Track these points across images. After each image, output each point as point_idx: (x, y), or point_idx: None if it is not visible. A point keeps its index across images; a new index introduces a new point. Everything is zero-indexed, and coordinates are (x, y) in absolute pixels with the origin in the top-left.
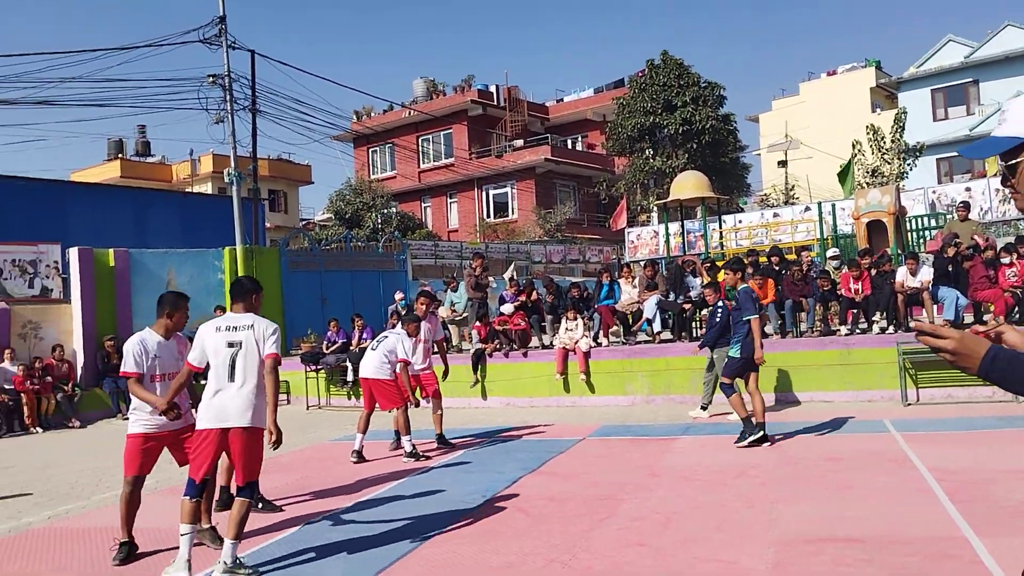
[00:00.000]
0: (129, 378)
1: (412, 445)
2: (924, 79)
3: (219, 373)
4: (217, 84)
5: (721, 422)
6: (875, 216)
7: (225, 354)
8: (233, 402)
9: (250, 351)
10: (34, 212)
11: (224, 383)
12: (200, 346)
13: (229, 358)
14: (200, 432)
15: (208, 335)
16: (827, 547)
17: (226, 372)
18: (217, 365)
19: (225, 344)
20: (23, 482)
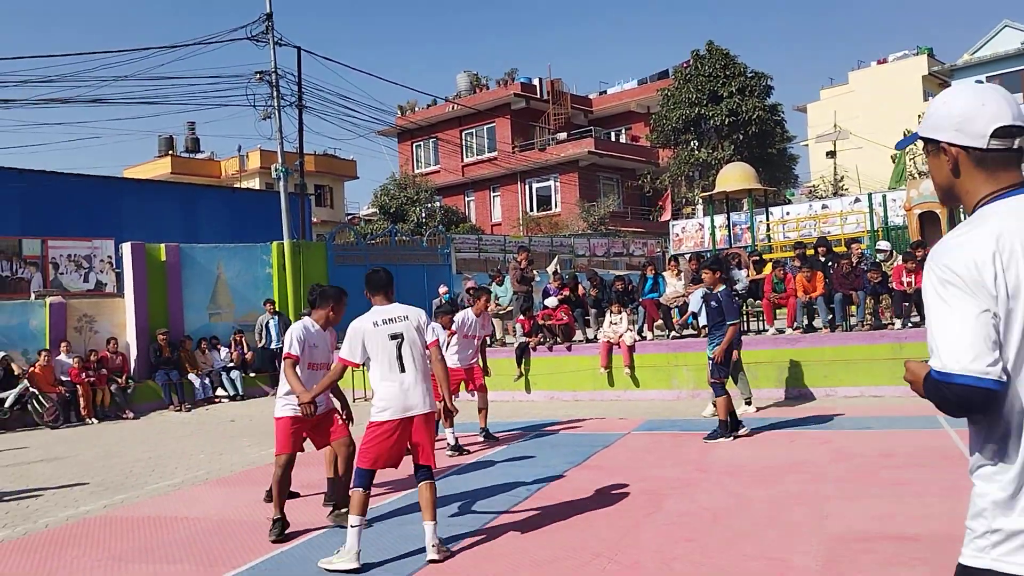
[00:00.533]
0: (287, 359)
1: (455, 438)
2: (979, 66)
3: (391, 366)
4: (264, 81)
5: (768, 417)
6: (928, 207)
7: (391, 346)
8: (416, 392)
9: (413, 341)
10: (89, 208)
11: (397, 374)
12: (360, 341)
13: (396, 350)
14: (380, 424)
15: (368, 330)
16: (880, 545)
17: (398, 364)
18: (387, 358)
19: (388, 337)
20: (80, 471)
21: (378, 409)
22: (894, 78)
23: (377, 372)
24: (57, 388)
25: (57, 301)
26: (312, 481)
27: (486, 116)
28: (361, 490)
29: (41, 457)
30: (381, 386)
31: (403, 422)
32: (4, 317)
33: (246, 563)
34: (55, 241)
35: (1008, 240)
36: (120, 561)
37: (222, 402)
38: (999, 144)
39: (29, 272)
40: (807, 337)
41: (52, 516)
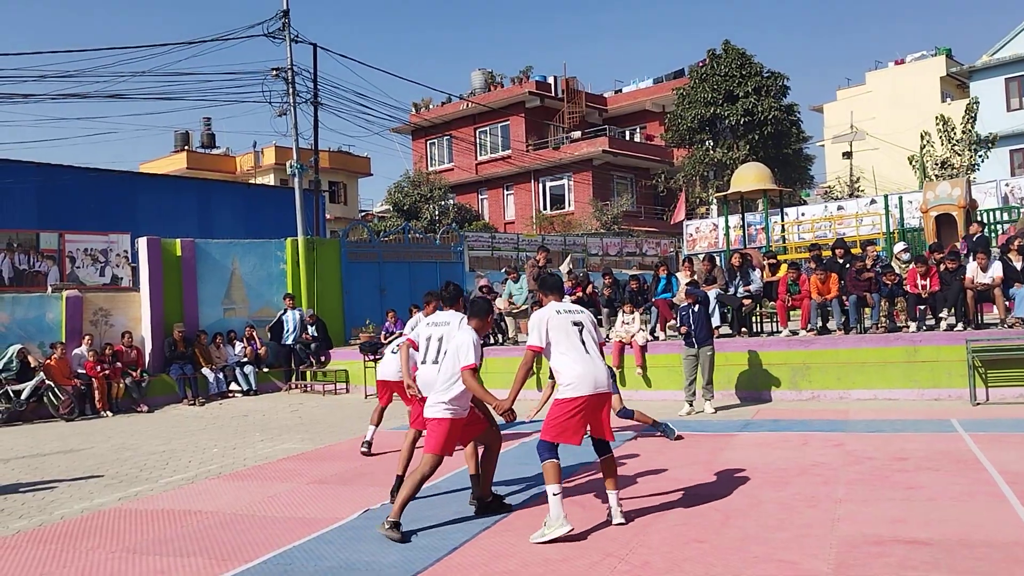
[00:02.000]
0: (470, 369)
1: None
2: (998, 68)
3: (577, 348)
4: (280, 77)
5: (781, 419)
6: (944, 209)
7: (574, 331)
8: (601, 370)
9: (590, 329)
10: (105, 203)
11: (584, 355)
12: (545, 326)
13: (579, 335)
14: (573, 400)
15: (553, 317)
16: (893, 549)
17: (582, 347)
18: (572, 342)
19: (571, 323)
20: (94, 464)
21: (571, 385)
22: (912, 79)
23: (569, 352)
24: (72, 381)
25: (73, 295)
26: (327, 476)
27: (500, 114)
28: (553, 460)
29: (56, 449)
30: (571, 365)
31: (594, 397)
32: (21, 310)
33: (259, 557)
34: (72, 235)
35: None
36: (134, 553)
37: (236, 397)
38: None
39: (46, 266)
40: (821, 339)
41: (67, 508)
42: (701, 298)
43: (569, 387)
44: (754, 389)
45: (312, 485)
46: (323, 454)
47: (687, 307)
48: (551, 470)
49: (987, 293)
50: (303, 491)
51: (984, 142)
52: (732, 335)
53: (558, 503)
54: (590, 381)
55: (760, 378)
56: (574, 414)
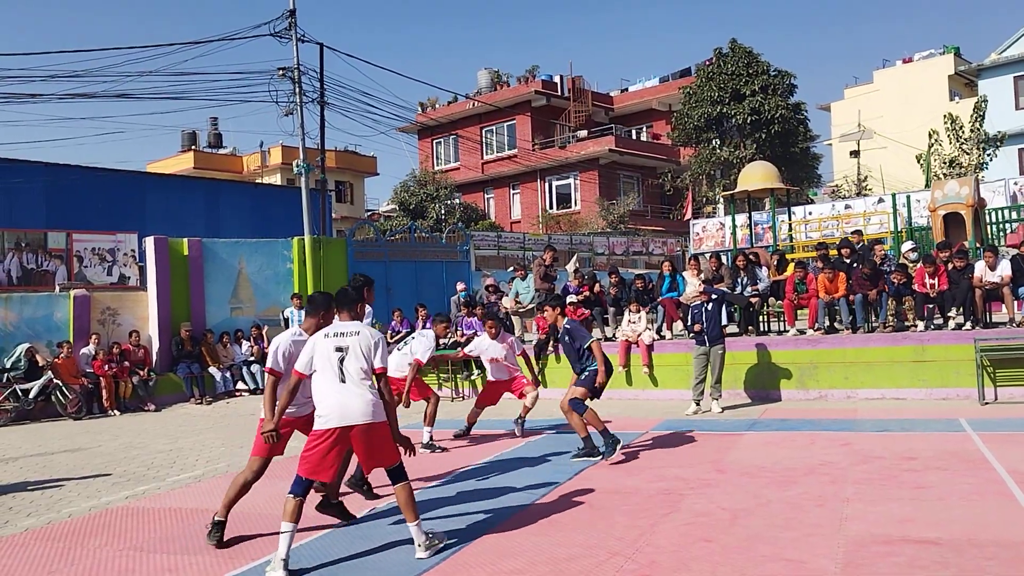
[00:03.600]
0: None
1: (430, 436)
2: (1006, 66)
3: (333, 377)
4: (287, 77)
5: (788, 418)
6: (952, 208)
7: (335, 358)
8: (354, 400)
9: (358, 354)
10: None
11: (339, 384)
12: (310, 352)
13: (339, 363)
14: (323, 432)
15: (320, 342)
16: (901, 548)
17: (339, 375)
18: (332, 369)
19: (334, 349)
20: (102, 463)
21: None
22: (919, 77)
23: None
24: (80, 380)
25: (81, 294)
26: None
27: (506, 113)
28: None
29: (64, 448)
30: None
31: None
32: (29, 309)
33: (265, 555)
34: (80, 234)
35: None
36: (142, 551)
37: (242, 396)
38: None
39: (54, 265)
40: (828, 338)
41: (75, 506)
42: (717, 296)
43: (320, 419)
44: (761, 388)
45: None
46: None
47: (699, 305)
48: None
49: (996, 292)
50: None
51: (992, 141)
52: (739, 334)
53: (286, 541)
54: (338, 412)
55: (767, 377)
56: (325, 447)
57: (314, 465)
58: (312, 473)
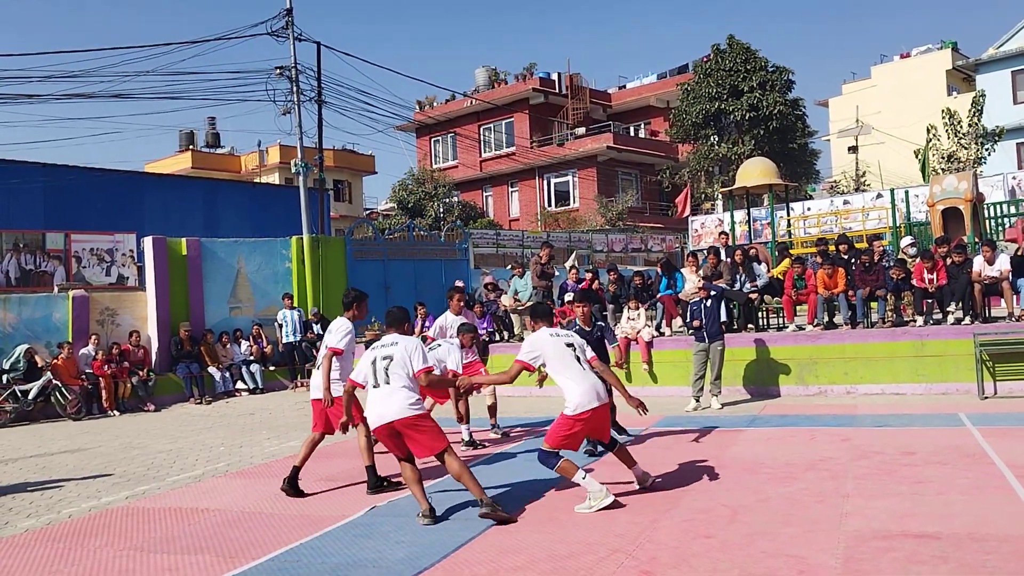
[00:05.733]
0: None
1: (470, 433)
2: (1004, 60)
3: (574, 367)
4: (284, 76)
5: (788, 414)
6: (951, 203)
7: (568, 353)
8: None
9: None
10: (111, 202)
11: (582, 372)
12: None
13: (573, 356)
14: (578, 415)
15: (547, 340)
16: (901, 543)
17: (578, 365)
18: (568, 362)
19: (564, 345)
20: (102, 463)
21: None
22: (917, 72)
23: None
24: (79, 380)
25: (80, 294)
26: (333, 473)
27: (504, 111)
28: (564, 460)
29: (64, 448)
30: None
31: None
32: (28, 310)
33: (266, 554)
34: (78, 235)
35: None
36: (142, 551)
37: (242, 395)
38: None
39: (52, 265)
40: (827, 334)
41: (75, 507)
42: (716, 293)
43: (570, 405)
44: (761, 384)
45: (319, 482)
46: (329, 452)
47: (699, 302)
48: (567, 467)
49: (995, 286)
50: (310, 488)
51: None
52: (737, 330)
53: (592, 480)
54: (592, 395)
55: (767, 373)
56: (577, 426)
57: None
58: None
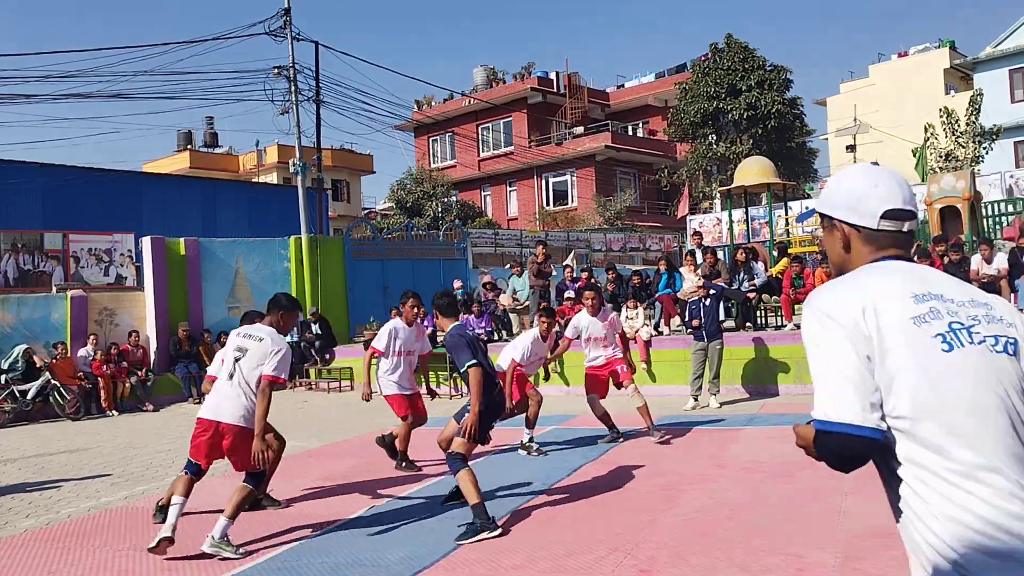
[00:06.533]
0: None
1: (530, 437)
2: (1002, 59)
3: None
4: (282, 76)
5: (787, 413)
6: (949, 202)
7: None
8: (225, 400)
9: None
10: (109, 202)
11: (223, 382)
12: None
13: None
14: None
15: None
16: (898, 541)
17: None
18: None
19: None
20: (101, 463)
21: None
22: (915, 71)
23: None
24: (78, 380)
25: (78, 294)
26: (333, 473)
27: (502, 110)
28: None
29: (63, 448)
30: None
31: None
32: (27, 310)
33: (266, 554)
34: (76, 235)
35: (881, 286)
36: (141, 552)
37: None
38: (889, 225)
39: (51, 266)
40: None
41: (74, 507)
42: (715, 292)
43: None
44: (759, 383)
45: (318, 482)
46: (328, 451)
47: (697, 301)
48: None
49: (993, 285)
50: (309, 488)
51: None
52: (736, 329)
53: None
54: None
55: (765, 372)
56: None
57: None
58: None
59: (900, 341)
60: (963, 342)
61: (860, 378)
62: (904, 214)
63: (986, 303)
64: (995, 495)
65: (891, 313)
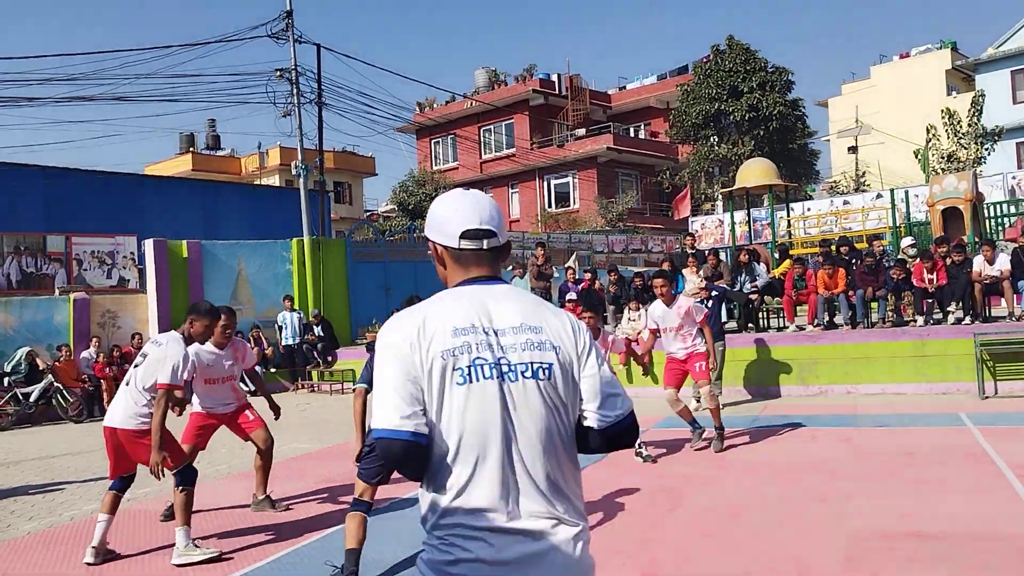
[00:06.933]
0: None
1: (642, 444)
2: (1003, 60)
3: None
4: (284, 78)
5: (789, 414)
6: (951, 203)
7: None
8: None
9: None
10: (111, 205)
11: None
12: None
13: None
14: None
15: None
16: (902, 543)
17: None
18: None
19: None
20: (103, 466)
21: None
22: (917, 72)
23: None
24: (81, 383)
25: (81, 297)
26: (333, 475)
27: (504, 112)
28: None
29: (65, 451)
30: None
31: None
32: (29, 313)
33: (268, 556)
34: (79, 238)
35: (436, 319)
36: (143, 554)
37: None
38: (468, 244)
39: (53, 268)
40: (828, 334)
41: (77, 509)
42: (718, 293)
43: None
44: (761, 385)
45: (320, 484)
46: (331, 453)
47: (700, 303)
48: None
49: (995, 286)
50: (311, 490)
51: (990, 135)
52: (738, 331)
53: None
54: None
55: (767, 374)
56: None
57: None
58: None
59: (436, 370)
60: (479, 377)
61: (404, 393)
62: (480, 233)
63: (537, 327)
64: (478, 513)
65: (435, 344)
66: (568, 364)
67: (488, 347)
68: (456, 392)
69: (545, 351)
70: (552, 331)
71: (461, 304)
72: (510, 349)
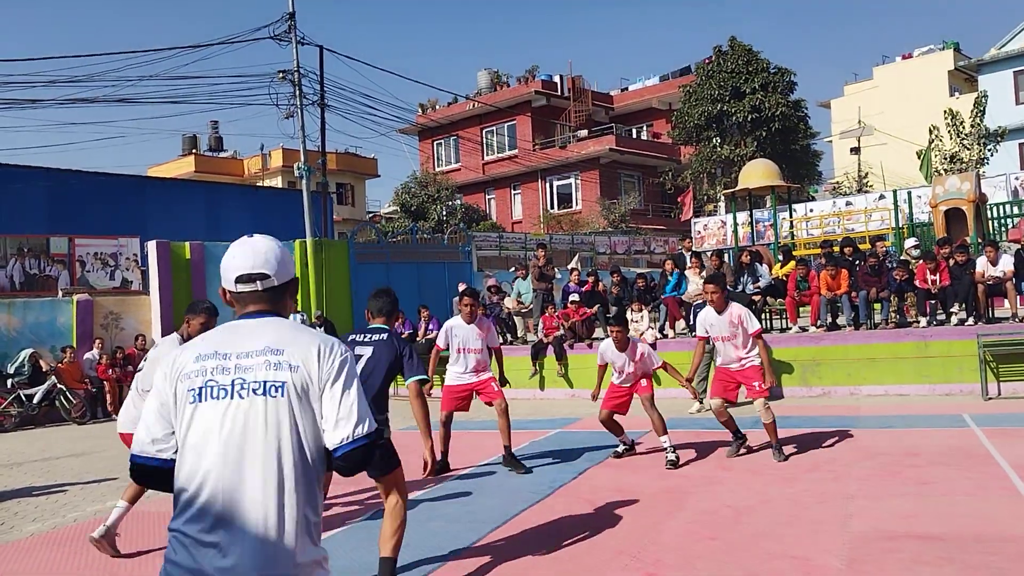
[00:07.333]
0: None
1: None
2: (1006, 61)
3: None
4: (287, 80)
5: (792, 415)
6: (954, 204)
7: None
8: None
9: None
10: (114, 207)
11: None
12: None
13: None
14: None
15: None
16: (905, 544)
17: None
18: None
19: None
20: (106, 467)
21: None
22: (919, 73)
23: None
24: (84, 384)
25: (84, 298)
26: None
27: (507, 114)
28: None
29: (68, 452)
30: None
31: None
32: (33, 314)
33: None
34: (82, 239)
35: (188, 350)
36: (146, 555)
37: None
38: (244, 287)
39: (56, 270)
40: (831, 335)
41: (80, 511)
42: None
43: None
44: None
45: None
46: None
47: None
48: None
49: (998, 287)
50: None
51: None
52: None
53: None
54: None
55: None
56: None
57: None
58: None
59: (180, 392)
60: (207, 397)
61: (158, 417)
62: (253, 277)
63: (279, 350)
64: (190, 522)
65: (181, 368)
66: (305, 384)
67: (223, 370)
68: (187, 411)
69: (280, 370)
70: (293, 354)
71: (217, 334)
72: (247, 370)
